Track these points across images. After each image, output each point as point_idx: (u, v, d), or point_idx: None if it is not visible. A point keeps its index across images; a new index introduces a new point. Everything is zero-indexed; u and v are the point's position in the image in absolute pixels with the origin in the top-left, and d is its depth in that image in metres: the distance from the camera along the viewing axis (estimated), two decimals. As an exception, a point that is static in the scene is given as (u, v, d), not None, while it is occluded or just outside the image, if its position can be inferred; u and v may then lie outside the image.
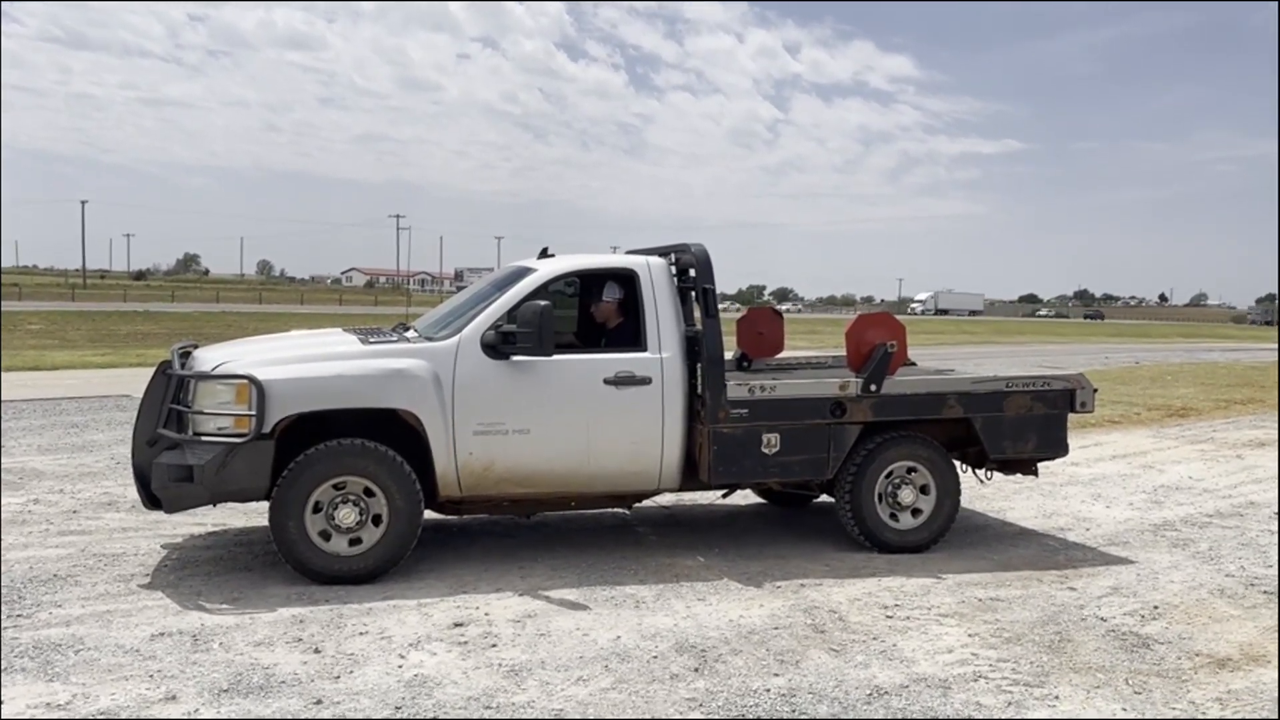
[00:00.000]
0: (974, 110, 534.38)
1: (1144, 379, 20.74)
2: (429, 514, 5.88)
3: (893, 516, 6.40)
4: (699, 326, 6.16)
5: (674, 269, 6.44)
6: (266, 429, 5.33)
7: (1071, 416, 6.72)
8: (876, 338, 6.46)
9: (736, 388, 6.06)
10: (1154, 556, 6.53)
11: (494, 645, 4.64)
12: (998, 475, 7.21)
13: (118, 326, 31.70)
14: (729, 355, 7.69)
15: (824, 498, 7.25)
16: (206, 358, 5.78)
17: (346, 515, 5.47)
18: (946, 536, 6.54)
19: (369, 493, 5.52)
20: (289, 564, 5.47)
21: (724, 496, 7.36)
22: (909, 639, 4.84)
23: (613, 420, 5.93)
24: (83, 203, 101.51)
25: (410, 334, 6.15)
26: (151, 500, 5.57)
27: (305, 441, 5.49)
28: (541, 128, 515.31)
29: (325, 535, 5.47)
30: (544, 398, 5.82)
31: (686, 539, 6.73)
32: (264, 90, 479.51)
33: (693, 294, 6.30)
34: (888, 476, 6.37)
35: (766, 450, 6.12)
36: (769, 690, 4.18)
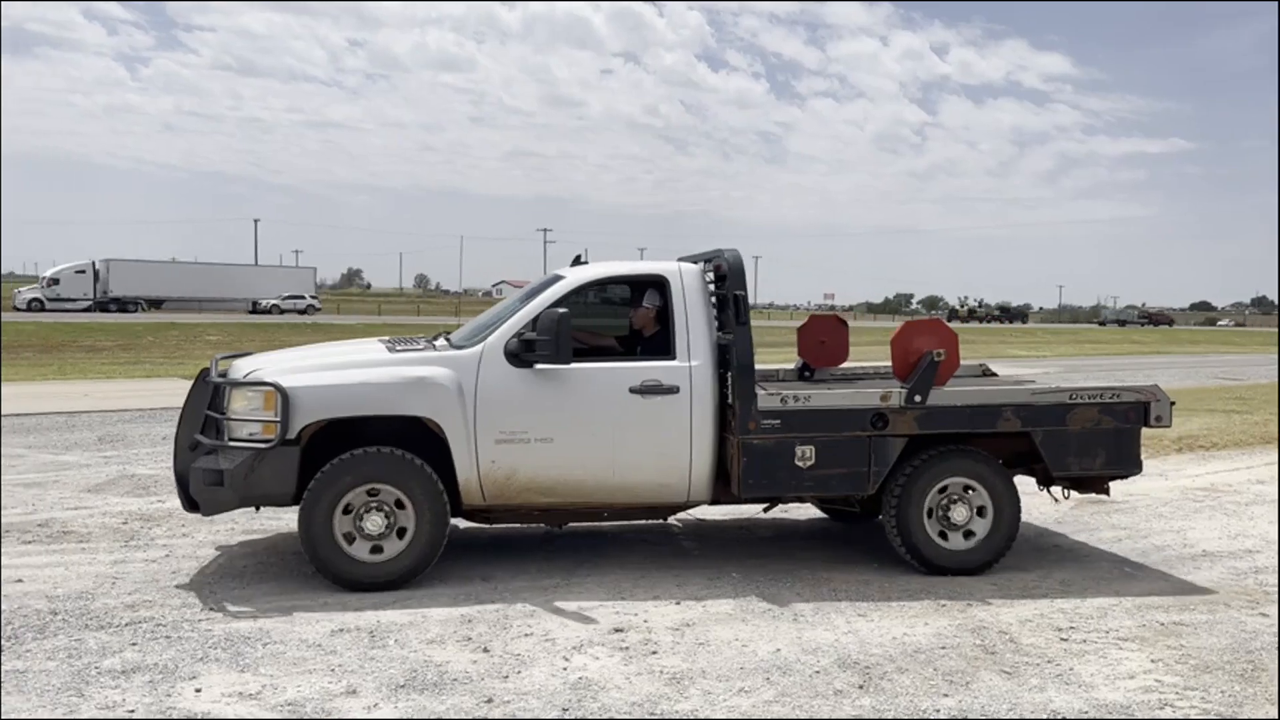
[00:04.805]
0: (1136, 108, 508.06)
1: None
2: (583, 523, 5.96)
3: (942, 535, 6.02)
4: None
5: (711, 276, 6.25)
6: (291, 435, 5.43)
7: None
8: (925, 346, 6.09)
9: (768, 398, 5.83)
10: (1359, 584, 6.03)
11: (654, 652, 4.67)
12: (1178, 492, 6.81)
13: (289, 338, 33.45)
14: (790, 366, 7.47)
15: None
16: (241, 365, 5.93)
17: (374, 523, 5.51)
18: (1124, 556, 6.22)
19: (400, 504, 5.53)
20: (315, 567, 5.55)
21: (764, 511, 7.01)
22: (1086, 663, 4.62)
23: (639, 430, 5.80)
24: (255, 221, 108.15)
25: (440, 343, 6.13)
26: (191, 503, 5.73)
27: (344, 448, 5.56)
28: (682, 139, 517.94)
29: (349, 538, 5.50)
30: (568, 406, 5.75)
31: (842, 553, 6.61)
32: (419, 111, 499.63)
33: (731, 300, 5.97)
34: (941, 492, 6.01)
35: (800, 463, 5.86)
36: (939, 711, 4.06)
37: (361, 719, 3.92)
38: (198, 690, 4.15)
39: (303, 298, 64.96)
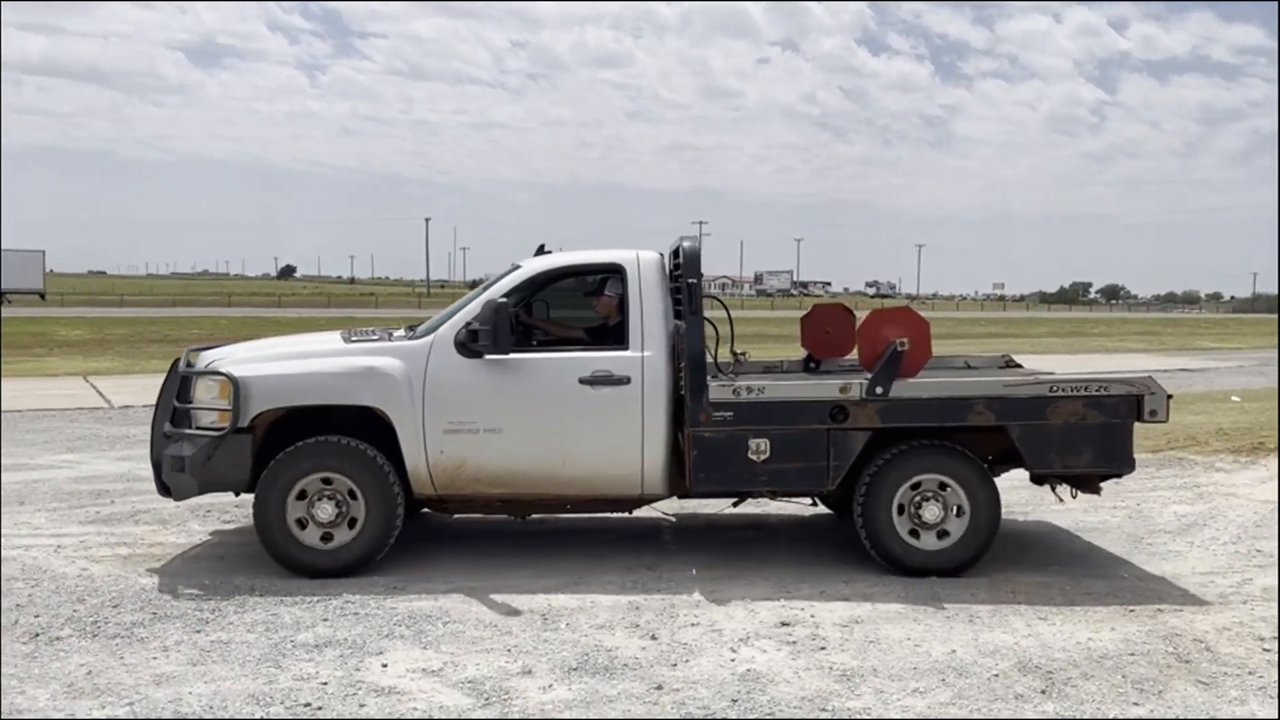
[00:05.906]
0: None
1: None
2: (742, 512, 5.93)
3: (914, 534, 5.69)
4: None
5: (675, 264, 6.06)
6: (244, 424, 5.55)
7: None
8: (892, 335, 5.74)
9: (720, 389, 5.61)
10: None
11: (823, 648, 4.62)
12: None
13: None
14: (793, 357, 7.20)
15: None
16: (206, 356, 6.04)
17: (324, 511, 5.59)
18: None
19: (353, 495, 5.61)
20: (268, 552, 5.66)
21: (734, 506, 6.66)
22: (1294, 677, 4.29)
23: (588, 421, 5.70)
24: (426, 220, 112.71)
25: (398, 334, 6.13)
26: (165, 489, 5.88)
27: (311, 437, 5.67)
28: (841, 127, 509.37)
29: (302, 524, 5.61)
30: (516, 397, 5.70)
31: (1022, 555, 6.34)
32: (578, 108, 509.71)
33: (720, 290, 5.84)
34: (914, 489, 5.67)
35: (754, 457, 5.62)
36: (1128, 720, 3.87)
37: (536, 705, 4.04)
38: (384, 665, 4.36)
39: None
